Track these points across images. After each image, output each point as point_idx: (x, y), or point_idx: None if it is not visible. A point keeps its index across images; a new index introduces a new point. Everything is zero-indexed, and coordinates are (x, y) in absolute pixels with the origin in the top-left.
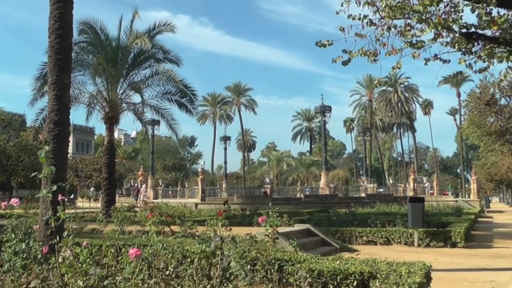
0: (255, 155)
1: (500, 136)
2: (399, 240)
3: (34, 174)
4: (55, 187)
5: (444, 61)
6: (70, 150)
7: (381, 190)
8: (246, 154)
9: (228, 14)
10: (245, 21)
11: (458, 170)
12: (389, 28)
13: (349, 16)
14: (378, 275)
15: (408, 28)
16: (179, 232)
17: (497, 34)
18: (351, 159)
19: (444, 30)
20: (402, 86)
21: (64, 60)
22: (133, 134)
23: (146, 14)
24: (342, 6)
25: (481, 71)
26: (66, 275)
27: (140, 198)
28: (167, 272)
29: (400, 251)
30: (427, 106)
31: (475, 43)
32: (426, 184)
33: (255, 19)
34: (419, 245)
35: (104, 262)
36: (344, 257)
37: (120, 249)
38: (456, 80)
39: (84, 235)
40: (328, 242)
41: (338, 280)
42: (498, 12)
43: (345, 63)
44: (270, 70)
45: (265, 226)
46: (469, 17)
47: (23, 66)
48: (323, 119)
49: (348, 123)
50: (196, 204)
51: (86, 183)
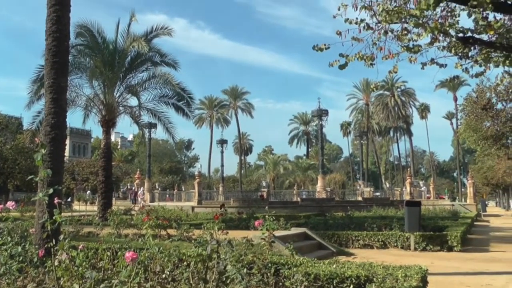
0: (252, 159)
1: (497, 141)
2: (395, 244)
3: (30, 177)
4: (51, 190)
5: (441, 65)
6: (67, 153)
7: (377, 194)
8: (243, 158)
9: (225, 18)
10: (242, 24)
11: (455, 174)
12: (386, 32)
13: (346, 20)
14: (375, 279)
15: (405, 32)
16: (175, 235)
17: (493, 38)
18: (348, 162)
19: (441, 35)
20: (399, 90)
21: (61, 63)
22: (130, 137)
23: (144, 17)
24: (339, 10)
25: (477, 75)
26: (62, 279)
27: (138, 202)
28: (163, 276)
29: (396, 255)
30: (424, 110)
31: (472, 48)
32: (423, 188)
33: (252, 23)
34: (415, 249)
35: (100, 265)
36: (341, 260)
37: (116, 252)
38: (453, 84)
39: (81, 238)
40: (325, 246)
41: (335, 284)
42: (495, 17)
43: (342, 67)
44: (267, 73)
45: (261, 230)
46: (465, 21)
47: (20, 69)
48: (320, 122)
49: (345, 127)
50: (193, 208)
51: (82, 186)
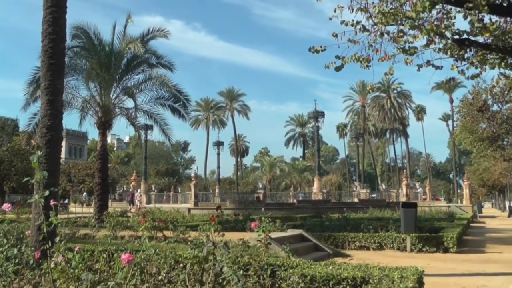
0: (248, 160)
1: (492, 142)
2: (391, 245)
3: (26, 179)
4: (47, 192)
5: (437, 67)
6: (63, 155)
7: (374, 196)
8: (239, 159)
9: (222, 20)
10: (238, 26)
11: (451, 176)
12: (382, 34)
13: (342, 22)
14: (371, 280)
15: (401, 34)
16: (171, 237)
17: (489, 40)
18: (344, 164)
19: (437, 37)
20: (395, 92)
21: (57, 65)
22: (126, 139)
23: (140, 19)
24: (335, 12)
25: (473, 77)
26: (58, 281)
27: (136, 204)
28: (160, 277)
29: (392, 256)
30: (420, 112)
31: (468, 50)
32: (419, 190)
33: (248, 25)
34: (411, 250)
35: (97, 267)
36: (337, 262)
37: (112, 254)
38: (449, 86)
39: (77, 240)
40: (321, 247)
41: (331, 285)
42: (490, 19)
43: (338, 69)
44: (263, 75)
45: (257, 232)
46: (461, 23)
47: (16, 71)
48: (316, 124)
49: (341, 129)
50: (189, 209)
51: (78, 188)
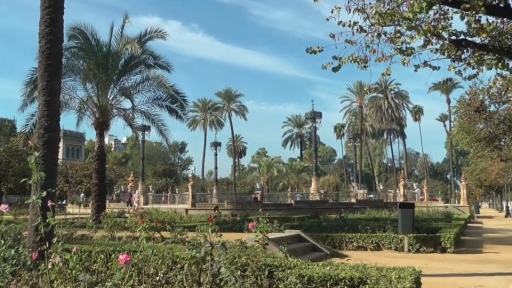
0: (245, 161)
1: (490, 142)
2: (389, 246)
3: (24, 180)
4: (44, 193)
5: (434, 68)
6: (60, 156)
7: (371, 196)
8: (236, 160)
9: (219, 21)
10: (236, 27)
11: (448, 176)
12: (379, 35)
13: (339, 22)
14: (368, 281)
15: (398, 35)
16: (169, 238)
17: (486, 41)
18: (342, 165)
19: (434, 37)
20: (392, 92)
21: (55, 66)
22: (123, 140)
23: (137, 20)
24: (332, 12)
25: (470, 78)
26: (55, 282)
27: (134, 204)
28: (157, 278)
29: (390, 257)
30: (417, 113)
31: (465, 50)
32: (416, 190)
33: (246, 25)
34: (409, 250)
35: (94, 268)
36: (334, 262)
37: (110, 255)
38: (446, 86)
39: (74, 241)
40: (319, 248)
41: (328, 286)
42: (487, 19)
43: (335, 69)
44: (261, 76)
45: (255, 232)
46: (458, 24)
47: (13, 71)
48: (314, 125)
49: (338, 129)
50: (187, 210)
51: (76, 189)
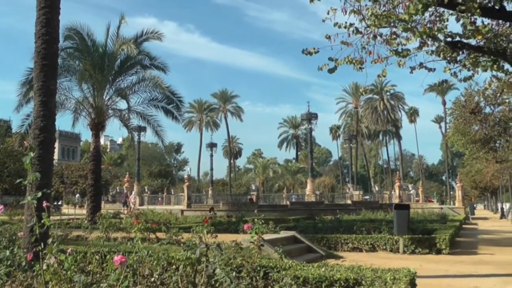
0: (241, 162)
1: (485, 144)
2: (384, 247)
3: (19, 181)
4: (40, 194)
5: (429, 69)
6: (56, 156)
7: (366, 197)
8: (232, 161)
9: (215, 21)
10: (232, 28)
11: (443, 178)
12: (375, 37)
13: (335, 24)
14: (363, 282)
15: (394, 36)
16: (164, 239)
17: (481, 43)
18: (337, 166)
19: (429, 39)
20: (388, 94)
21: (50, 66)
22: (119, 141)
23: (133, 20)
24: (328, 14)
25: (466, 79)
26: (50, 283)
27: (130, 206)
28: (152, 279)
29: (385, 258)
30: (413, 114)
31: (460, 52)
32: (412, 191)
33: (242, 26)
34: (404, 251)
35: (89, 269)
36: (330, 264)
37: (105, 256)
38: (441, 88)
39: (69, 242)
40: (314, 249)
41: (323, 287)
42: (483, 21)
43: (331, 70)
44: (257, 77)
45: (250, 233)
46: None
47: (9, 71)
48: (309, 126)
49: (334, 130)
50: (182, 211)
51: (71, 190)
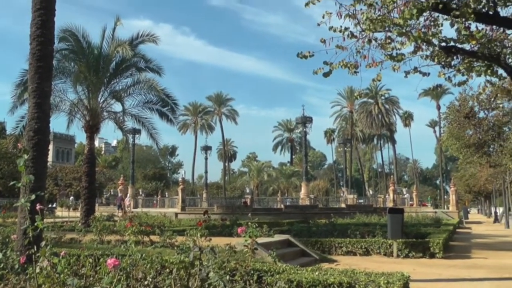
0: (236, 165)
1: (479, 149)
2: (378, 251)
3: (13, 183)
4: (33, 196)
5: (424, 74)
6: (50, 159)
7: (361, 201)
8: (226, 164)
9: (211, 24)
10: (227, 31)
11: (437, 182)
12: (369, 41)
13: (330, 28)
14: (357, 286)
15: (389, 41)
16: (158, 242)
17: (475, 48)
18: (332, 170)
19: (424, 44)
20: (383, 98)
21: (45, 68)
22: (113, 143)
23: (129, 23)
24: (323, 18)
25: (460, 84)
26: (43, 286)
27: (125, 209)
28: (146, 283)
29: (379, 262)
30: (407, 118)
31: (454, 57)
32: (406, 195)
33: (238, 30)
34: (398, 255)
35: (82, 272)
36: (323, 267)
37: (98, 259)
38: (436, 92)
39: (63, 245)
40: (308, 253)
41: None
42: (477, 27)
43: (326, 74)
44: (252, 80)
45: (244, 237)
46: (448, 31)
47: (3, 73)
48: (304, 129)
49: (328, 134)
50: (176, 214)
51: (65, 192)
